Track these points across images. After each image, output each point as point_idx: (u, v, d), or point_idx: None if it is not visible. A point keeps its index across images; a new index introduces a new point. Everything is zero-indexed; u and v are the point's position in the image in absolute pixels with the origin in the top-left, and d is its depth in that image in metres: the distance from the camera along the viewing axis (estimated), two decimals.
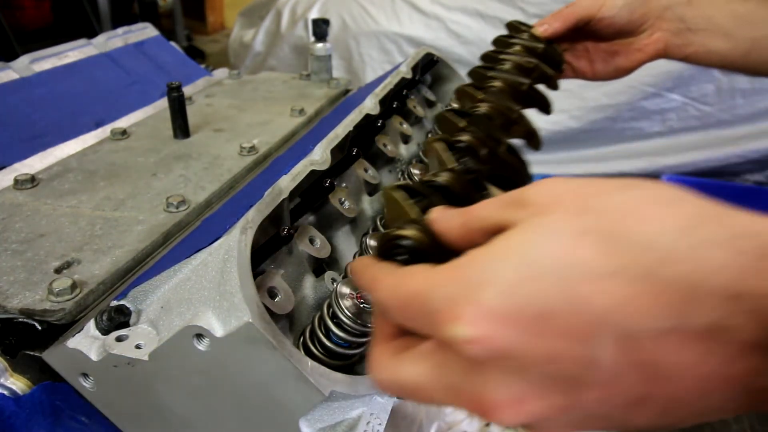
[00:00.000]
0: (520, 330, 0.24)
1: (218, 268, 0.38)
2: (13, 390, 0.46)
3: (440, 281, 0.27)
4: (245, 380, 0.39)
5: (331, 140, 0.54)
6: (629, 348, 0.24)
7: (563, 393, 0.25)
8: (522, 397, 0.25)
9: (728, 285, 0.23)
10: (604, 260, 0.24)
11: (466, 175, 0.43)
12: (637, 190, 0.26)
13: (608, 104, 2.41)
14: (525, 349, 0.24)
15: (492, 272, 0.25)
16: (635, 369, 0.24)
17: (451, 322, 0.25)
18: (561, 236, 0.25)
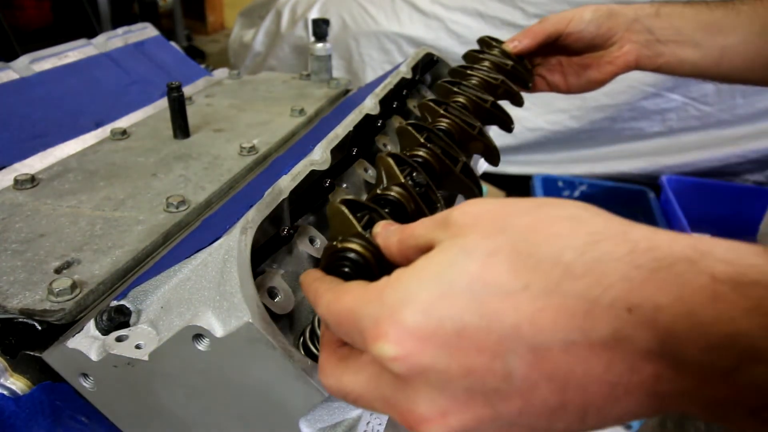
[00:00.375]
0: (438, 347, 0.26)
1: (218, 268, 0.38)
2: (13, 390, 0.46)
3: (368, 301, 0.28)
4: (245, 380, 0.39)
5: (331, 140, 0.54)
6: (540, 360, 0.25)
7: (485, 405, 0.26)
8: (446, 411, 0.27)
9: (624, 297, 0.24)
10: (513, 278, 0.26)
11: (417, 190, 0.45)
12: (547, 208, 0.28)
13: (608, 104, 2.41)
14: (444, 365, 0.26)
15: (412, 292, 0.27)
16: (548, 380, 0.25)
17: (376, 341, 0.27)
18: (474, 256, 0.27)
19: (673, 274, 0.24)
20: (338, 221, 0.38)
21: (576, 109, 2.43)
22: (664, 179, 2.29)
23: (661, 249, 0.25)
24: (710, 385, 0.24)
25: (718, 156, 2.38)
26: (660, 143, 2.46)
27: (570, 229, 0.27)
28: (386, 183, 0.45)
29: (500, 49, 0.81)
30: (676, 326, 0.23)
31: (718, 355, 0.23)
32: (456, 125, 0.58)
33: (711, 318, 0.23)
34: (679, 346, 0.23)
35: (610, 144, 2.51)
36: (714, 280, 0.23)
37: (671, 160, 2.44)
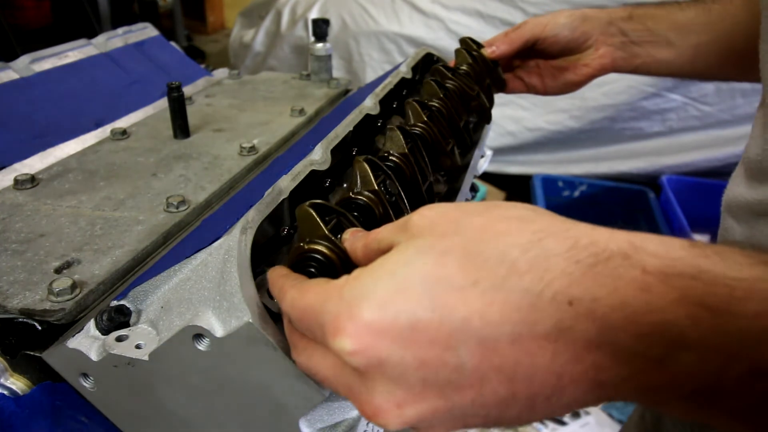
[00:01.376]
0: (393, 340, 0.27)
1: (218, 268, 0.38)
2: (13, 390, 0.46)
3: (328, 297, 0.30)
4: (245, 380, 0.39)
5: (331, 140, 0.54)
6: (489, 352, 0.27)
7: (439, 396, 0.28)
8: (402, 402, 0.28)
9: (565, 291, 0.26)
10: (464, 275, 0.27)
11: (387, 198, 0.46)
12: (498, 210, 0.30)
13: (608, 104, 2.41)
14: (399, 357, 0.27)
15: (369, 289, 0.28)
16: (497, 371, 0.27)
17: (335, 336, 0.28)
18: (428, 255, 0.28)
19: (609, 268, 0.26)
20: (306, 224, 0.39)
21: (576, 109, 2.43)
22: (664, 179, 2.29)
23: (599, 244, 0.27)
24: (645, 372, 0.25)
25: (718, 156, 2.38)
26: (660, 143, 2.46)
27: (517, 228, 0.28)
28: (360, 187, 0.46)
29: (479, 54, 0.83)
30: (612, 316, 0.25)
31: (650, 343, 0.25)
32: (433, 135, 0.60)
33: (642, 308, 0.25)
34: (615, 335, 0.25)
35: (610, 144, 2.51)
36: (645, 272, 0.25)
37: (671, 160, 2.44)
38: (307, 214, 0.39)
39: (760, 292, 0.24)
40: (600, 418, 1.82)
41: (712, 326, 0.24)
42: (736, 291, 0.24)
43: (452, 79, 0.74)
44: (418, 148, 0.56)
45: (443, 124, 0.63)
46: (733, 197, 0.59)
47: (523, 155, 2.58)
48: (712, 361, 0.24)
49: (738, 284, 0.24)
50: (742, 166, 0.59)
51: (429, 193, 0.56)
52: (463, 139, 0.68)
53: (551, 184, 2.42)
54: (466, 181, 0.70)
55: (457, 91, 0.72)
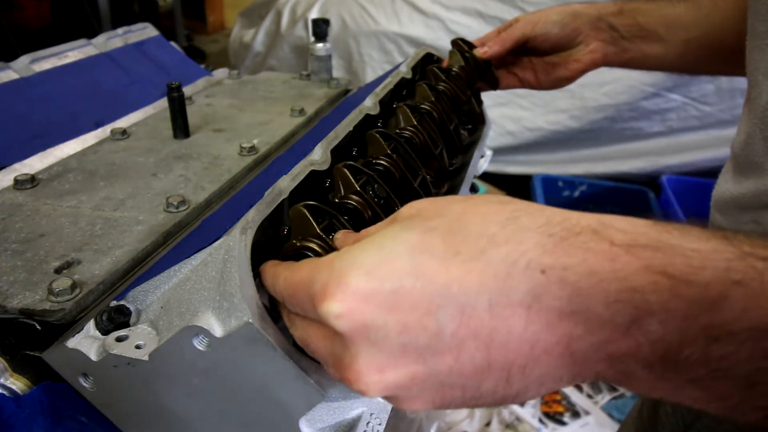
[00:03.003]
0: (377, 305, 0.29)
1: (218, 268, 0.38)
2: (13, 390, 0.46)
3: (319, 269, 0.31)
4: (245, 380, 0.39)
5: (331, 140, 0.54)
6: (467, 318, 0.28)
7: (418, 361, 0.29)
8: (383, 366, 0.30)
9: (538, 260, 0.28)
10: (445, 247, 0.29)
11: (376, 201, 0.47)
12: (479, 198, 0.32)
13: (608, 104, 2.41)
14: (382, 321, 0.29)
15: (357, 259, 0.30)
16: (474, 337, 0.28)
17: (323, 301, 0.30)
18: (414, 231, 0.31)
19: (579, 241, 0.28)
20: (300, 223, 0.41)
21: (576, 109, 2.43)
22: (664, 179, 2.29)
23: (571, 221, 0.29)
24: (613, 340, 0.27)
25: (718, 156, 2.38)
26: (660, 143, 2.46)
27: (496, 209, 0.31)
28: (343, 192, 0.47)
29: (471, 56, 0.84)
30: (581, 284, 0.27)
31: (617, 310, 0.26)
32: (422, 139, 0.61)
33: (609, 276, 0.26)
34: (585, 303, 0.27)
35: (610, 144, 2.51)
36: (612, 244, 0.27)
37: (671, 160, 2.44)
38: (300, 214, 0.40)
39: (713, 262, 0.26)
40: (600, 417, 1.82)
41: (671, 292, 0.26)
42: (693, 261, 0.26)
43: (445, 82, 0.74)
44: (403, 149, 0.56)
45: (433, 127, 0.64)
46: (720, 193, 0.60)
47: (523, 155, 2.58)
48: (673, 326, 0.26)
49: (695, 254, 0.26)
50: (729, 162, 0.60)
51: (424, 189, 0.56)
52: (452, 142, 0.68)
53: (551, 184, 2.42)
54: (466, 181, 0.70)
55: (448, 94, 0.72)
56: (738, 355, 0.25)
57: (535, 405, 1.86)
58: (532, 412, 1.83)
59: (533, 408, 1.85)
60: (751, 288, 0.25)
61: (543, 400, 1.88)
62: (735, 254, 0.26)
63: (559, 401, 1.88)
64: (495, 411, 1.84)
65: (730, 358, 0.25)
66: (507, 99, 2.40)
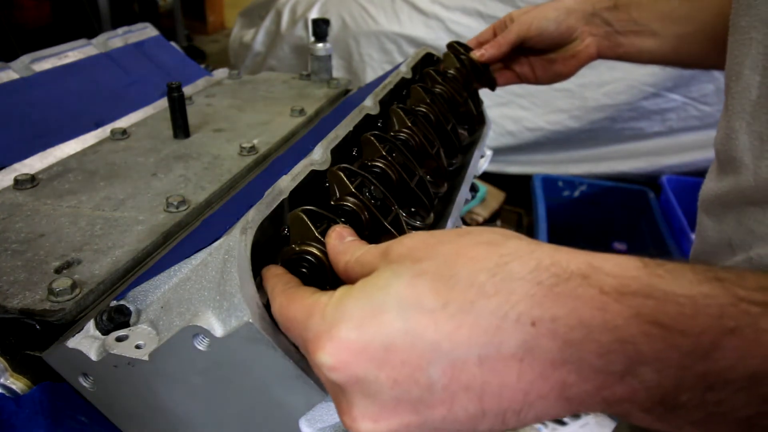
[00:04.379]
0: (368, 360, 0.29)
1: (218, 268, 0.38)
2: (13, 390, 0.46)
3: (312, 314, 0.32)
4: (245, 380, 0.39)
5: (331, 140, 0.54)
6: (458, 372, 0.28)
7: (412, 412, 0.29)
8: (377, 416, 0.30)
9: (528, 312, 0.27)
10: (434, 297, 0.29)
11: (373, 203, 0.48)
12: (468, 236, 0.32)
13: (608, 104, 2.40)
14: (374, 376, 0.29)
15: (348, 311, 0.30)
16: (466, 390, 0.28)
17: (316, 352, 0.30)
18: (403, 278, 0.30)
19: (568, 289, 0.27)
20: (298, 228, 0.41)
21: (576, 109, 2.43)
22: (664, 179, 2.29)
23: (561, 265, 0.28)
24: (608, 387, 0.27)
25: None
26: (660, 143, 2.45)
27: (485, 253, 0.30)
28: (338, 195, 0.47)
29: (467, 58, 0.84)
30: (571, 335, 0.27)
31: (610, 360, 0.26)
32: (417, 140, 0.61)
33: (599, 326, 0.26)
34: (578, 353, 0.27)
35: (610, 144, 2.51)
36: (602, 292, 0.27)
37: (671, 160, 2.44)
38: (299, 219, 0.41)
39: (705, 308, 0.26)
40: (600, 417, 1.82)
41: (664, 342, 0.25)
42: (685, 308, 0.26)
43: (441, 84, 0.74)
44: (399, 150, 0.56)
45: (428, 128, 0.63)
46: (705, 192, 0.61)
47: (523, 155, 2.58)
48: (668, 376, 0.26)
49: (687, 301, 0.26)
50: (714, 161, 0.61)
51: (423, 190, 0.56)
52: (450, 142, 0.68)
53: (551, 184, 2.42)
54: (466, 181, 0.70)
55: (444, 95, 0.72)
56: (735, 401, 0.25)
57: None
58: None
59: None
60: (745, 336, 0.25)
61: None
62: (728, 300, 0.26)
63: None
64: None
65: (726, 403, 0.25)
66: (507, 99, 2.40)
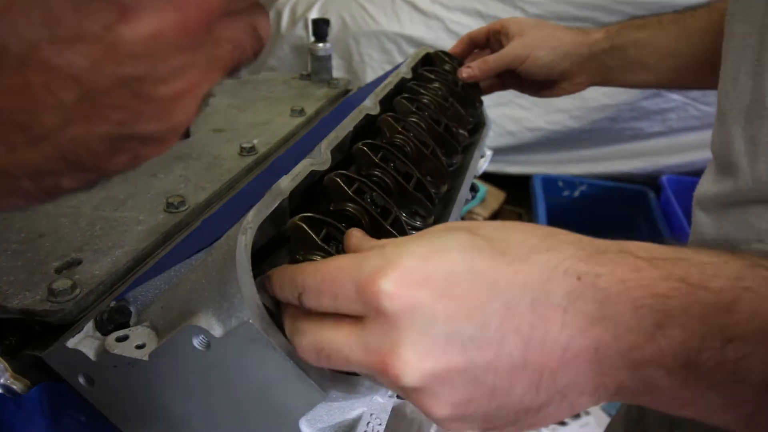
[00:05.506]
0: (429, 291, 0.30)
1: (218, 268, 0.38)
2: (13, 390, 0.46)
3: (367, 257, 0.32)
4: (245, 380, 0.39)
5: (331, 140, 0.54)
6: (511, 314, 0.30)
7: (460, 353, 0.30)
8: (424, 353, 0.30)
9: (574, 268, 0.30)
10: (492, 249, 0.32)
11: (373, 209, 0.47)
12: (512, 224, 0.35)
13: (608, 104, 2.40)
14: (431, 308, 0.30)
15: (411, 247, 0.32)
16: (516, 332, 0.30)
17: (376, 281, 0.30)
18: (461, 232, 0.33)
19: (608, 255, 0.31)
20: (298, 237, 0.41)
21: (576, 109, 2.43)
22: (664, 179, 2.29)
23: (597, 242, 0.32)
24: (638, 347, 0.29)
25: None
26: (660, 143, 2.45)
27: (533, 227, 0.34)
28: (337, 201, 0.47)
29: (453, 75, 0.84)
30: (611, 289, 0.29)
31: (643, 315, 0.29)
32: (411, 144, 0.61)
33: (635, 284, 0.29)
34: (615, 307, 0.29)
35: (610, 144, 2.51)
36: (636, 258, 0.31)
37: (671, 160, 2.44)
38: (298, 228, 0.40)
39: (725, 271, 0.29)
40: (600, 418, 1.83)
41: (689, 297, 0.29)
42: (707, 270, 0.29)
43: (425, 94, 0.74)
44: (394, 155, 0.56)
45: (420, 130, 0.63)
46: (702, 192, 0.61)
47: (523, 155, 2.58)
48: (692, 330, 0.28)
49: (708, 266, 0.30)
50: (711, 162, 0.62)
51: (422, 190, 0.56)
52: (446, 140, 0.68)
53: (551, 184, 2.42)
54: (466, 181, 0.70)
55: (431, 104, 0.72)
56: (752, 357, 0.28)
57: None
58: None
59: None
60: (759, 293, 0.28)
61: None
62: (744, 265, 0.30)
63: None
64: None
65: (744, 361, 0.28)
66: (507, 99, 2.40)
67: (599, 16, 2.33)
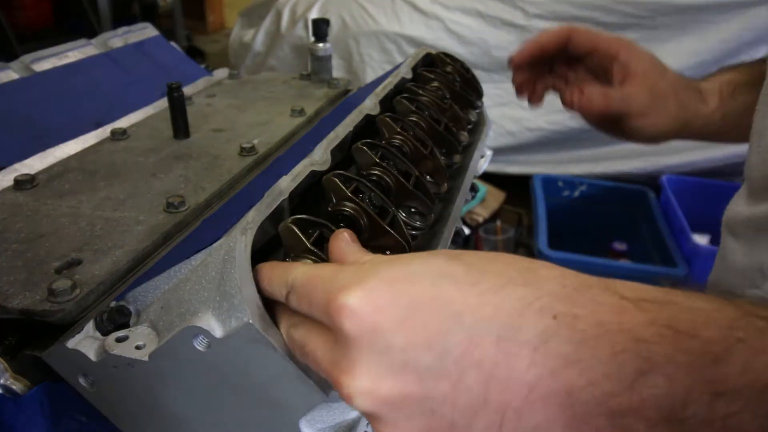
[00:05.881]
0: (390, 315, 0.30)
1: (218, 268, 0.38)
2: (13, 390, 0.46)
3: (343, 271, 0.33)
4: (245, 381, 0.39)
5: (331, 140, 0.54)
6: (473, 347, 0.29)
7: (416, 382, 0.29)
8: (378, 378, 0.30)
9: (551, 306, 0.29)
10: (467, 276, 0.31)
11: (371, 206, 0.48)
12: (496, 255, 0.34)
13: None
14: (390, 333, 0.29)
15: (382, 270, 0.32)
16: (476, 367, 0.29)
17: (340, 297, 0.31)
18: (439, 257, 0.32)
19: (590, 294, 0.29)
20: (290, 239, 0.41)
21: None
22: (664, 179, 2.29)
23: (583, 277, 0.30)
24: (616, 395, 0.27)
25: (718, 156, 2.38)
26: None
27: (515, 259, 0.32)
28: (335, 201, 0.47)
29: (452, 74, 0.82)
30: (589, 332, 0.27)
31: (623, 361, 0.27)
32: (410, 143, 0.61)
33: (616, 327, 0.27)
34: (591, 351, 0.27)
35: (610, 144, 2.51)
36: (621, 298, 0.28)
37: (671, 160, 2.44)
38: (289, 230, 0.40)
39: (716, 320, 0.27)
40: None
41: (676, 345, 0.26)
42: (698, 317, 0.27)
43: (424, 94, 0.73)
44: (391, 154, 0.56)
45: (418, 130, 0.63)
46: (732, 216, 0.59)
47: (523, 155, 2.58)
48: (677, 381, 0.26)
49: (699, 312, 0.27)
50: (744, 185, 0.59)
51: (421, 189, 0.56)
52: (445, 140, 0.68)
53: (551, 184, 2.42)
54: (466, 181, 0.70)
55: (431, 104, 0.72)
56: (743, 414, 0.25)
57: None
58: None
59: None
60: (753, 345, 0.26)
61: None
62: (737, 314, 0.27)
63: None
64: None
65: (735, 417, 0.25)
66: (507, 99, 2.40)
67: (599, 16, 2.33)
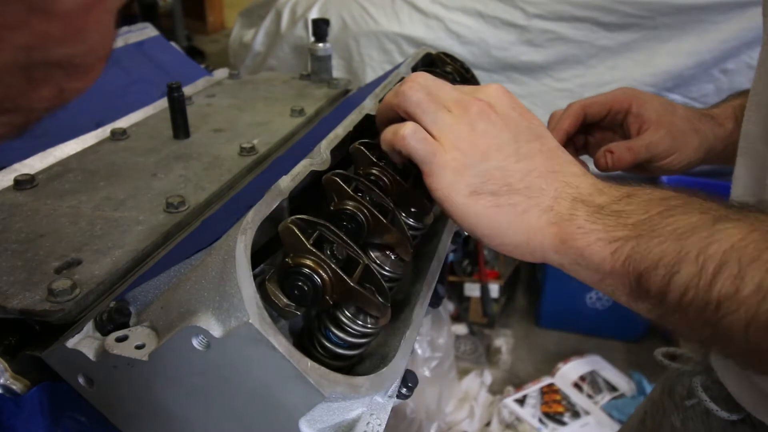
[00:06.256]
0: (509, 105, 0.47)
1: (218, 268, 0.38)
2: (13, 390, 0.46)
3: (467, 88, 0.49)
4: (245, 381, 0.39)
5: (331, 140, 0.54)
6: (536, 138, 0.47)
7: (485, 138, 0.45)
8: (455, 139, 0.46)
9: None
10: None
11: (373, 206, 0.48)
12: None
13: None
14: (505, 108, 0.47)
15: None
16: None
17: (482, 90, 0.48)
18: None
19: None
20: (290, 240, 0.41)
21: None
22: (664, 179, 2.29)
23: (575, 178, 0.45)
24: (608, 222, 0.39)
25: None
26: None
27: None
28: (337, 200, 0.47)
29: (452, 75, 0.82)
30: None
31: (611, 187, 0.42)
32: None
33: None
34: None
35: None
36: None
37: None
38: (289, 230, 0.40)
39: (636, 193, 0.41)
40: (600, 418, 1.82)
41: None
42: None
43: None
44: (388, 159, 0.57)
45: None
46: None
47: None
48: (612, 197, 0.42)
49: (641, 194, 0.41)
50: None
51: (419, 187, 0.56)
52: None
53: None
54: None
55: None
56: None
57: (535, 405, 1.86)
58: (532, 412, 1.83)
59: (533, 408, 1.85)
60: None
61: (543, 401, 1.88)
62: None
63: (559, 401, 1.88)
64: (495, 411, 1.85)
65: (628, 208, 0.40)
66: None
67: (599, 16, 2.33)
